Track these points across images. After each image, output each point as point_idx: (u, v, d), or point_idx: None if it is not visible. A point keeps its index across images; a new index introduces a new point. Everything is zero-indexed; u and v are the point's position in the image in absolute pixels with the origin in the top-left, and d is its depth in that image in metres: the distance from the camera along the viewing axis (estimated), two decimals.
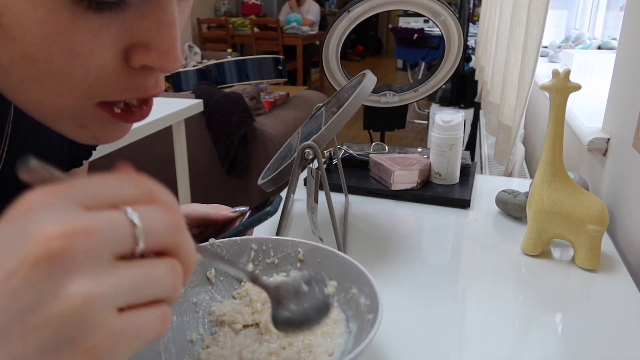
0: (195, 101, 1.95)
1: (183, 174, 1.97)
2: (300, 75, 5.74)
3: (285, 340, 0.48)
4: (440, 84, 1.01)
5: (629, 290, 0.65)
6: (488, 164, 2.03)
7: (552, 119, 0.67)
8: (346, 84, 0.86)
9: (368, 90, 0.63)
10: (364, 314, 0.49)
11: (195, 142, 2.20)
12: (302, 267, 0.57)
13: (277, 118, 2.43)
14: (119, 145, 1.50)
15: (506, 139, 1.56)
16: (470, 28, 4.25)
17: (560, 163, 0.68)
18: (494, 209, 0.88)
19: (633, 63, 0.84)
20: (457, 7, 3.60)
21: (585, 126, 1.00)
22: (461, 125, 0.90)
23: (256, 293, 0.55)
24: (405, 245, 0.77)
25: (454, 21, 0.94)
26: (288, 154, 0.73)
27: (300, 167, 0.62)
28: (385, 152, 1.02)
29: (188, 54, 4.30)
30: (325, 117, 0.70)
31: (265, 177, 0.71)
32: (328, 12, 8.48)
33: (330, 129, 0.60)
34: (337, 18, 0.95)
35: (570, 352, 0.54)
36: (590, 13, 2.39)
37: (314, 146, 0.60)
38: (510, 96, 1.50)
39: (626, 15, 0.91)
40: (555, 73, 0.65)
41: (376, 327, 0.43)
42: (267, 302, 0.53)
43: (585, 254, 0.68)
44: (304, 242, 0.57)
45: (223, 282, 0.57)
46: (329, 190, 0.66)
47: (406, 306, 0.62)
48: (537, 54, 1.16)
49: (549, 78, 0.66)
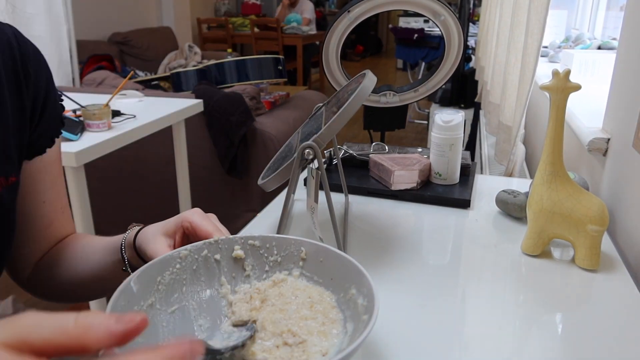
0: (195, 101, 1.95)
1: (183, 174, 1.97)
2: (300, 75, 5.74)
3: (280, 338, 0.48)
4: (440, 84, 1.01)
5: (629, 290, 0.65)
6: (488, 164, 2.03)
7: (552, 119, 0.67)
8: (346, 84, 0.86)
9: (368, 90, 0.63)
10: (361, 314, 0.49)
11: (195, 142, 2.20)
12: (304, 265, 0.57)
13: (277, 118, 2.43)
14: (119, 145, 1.50)
15: (506, 139, 1.56)
16: (470, 28, 4.25)
17: (560, 163, 0.68)
18: (494, 209, 0.88)
19: (633, 63, 0.84)
20: (457, 7, 3.60)
21: (585, 126, 1.00)
22: (461, 125, 0.90)
23: (255, 290, 0.55)
24: (405, 245, 0.77)
25: (454, 21, 0.94)
26: (288, 154, 0.72)
27: (300, 167, 0.62)
28: (385, 152, 1.02)
29: (188, 54, 4.29)
30: (325, 117, 0.70)
31: (266, 177, 0.71)
32: (328, 12, 8.48)
33: (331, 129, 0.60)
34: (337, 18, 0.95)
35: (570, 352, 0.54)
36: (590, 13, 2.39)
37: (314, 146, 0.60)
38: (511, 96, 1.50)
39: (626, 15, 0.91)
40: (555, 73, 0.65)
41: (369, 328, 0.43)
42: (267, 299, 0.54)
43: (585, 254, 0.68)
44: (308, 241, 0.57)
45: (236, 279, 0.57)
46: (329, 190, 0.66)
47: (406, 306, 0.62)
48: (537, 54, 1.16)
49: (549, 78, 0.66)
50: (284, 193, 0.86)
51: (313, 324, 0.50)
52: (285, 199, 0.67)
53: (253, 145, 2.29)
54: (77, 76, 2.75)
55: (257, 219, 0.86)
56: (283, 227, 0.67)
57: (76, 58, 2.75)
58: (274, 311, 0.52)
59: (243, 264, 0.58)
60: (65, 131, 1.39)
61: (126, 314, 0.28)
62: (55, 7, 2.48)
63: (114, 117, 1.60)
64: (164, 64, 4.16)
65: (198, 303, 0.54)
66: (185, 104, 1.89)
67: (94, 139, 1.42)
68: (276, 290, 0.56)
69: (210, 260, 0.57)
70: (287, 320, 0.51)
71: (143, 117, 1.64)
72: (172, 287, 0.53)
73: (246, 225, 0.84)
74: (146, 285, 0.51)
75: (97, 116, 1.47)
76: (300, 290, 0.55)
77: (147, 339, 0.47)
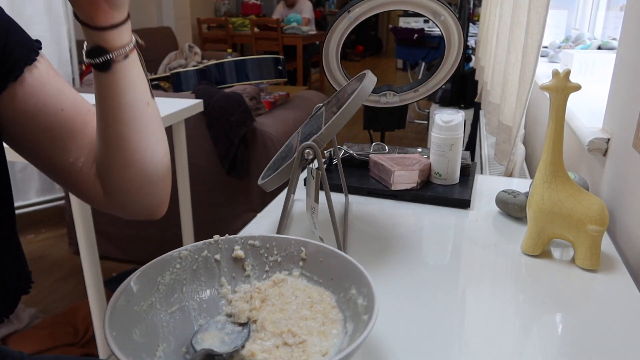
0: (195, 101, 1.95)
1: (183, 174, 1.97)
2: (300, 75, 5.74)
3: (280, 339, 0.48)
4: (440, 84, 1.01)
5: (629, 290, 0.65)
6: (488, 164, 2.03)
7: (552, 119, 0.67)
8: (346, 84, 0.86)
9: (368, 90, 0.63)
10: (361, 314, 0.49)
11: (195, 142, 2.20)
12: (304, 265, 0.57)
13: (277, 118, 2.43)
14: None
15: (506, 139, 1.56)
16: (470, 28, 4.25)
17: (560, 163, 0.68)
18: (494, 209, 0.88)
19: (633, 63, 0.85)
20: (457, 7, 3.60)
21: (585, 126, 1.00)
22: (461, 125, 0.90)
23: (255, 290, 0.55)
24: (405, 245, 0.77)
25: (454, 21, 0.94)
26: (288, 154, 0.72)
27: (300, 167, 0.62)
28: (385, 152, 1.02)
29: (188, 54, 4.29)
30: (325, 117, 0.70)
31: (266, 177, 0.71)
32: (328, 12, 8.48)
33: (330, 129, 0.60)
34: (337, 18, 0.95)
35: (570, 352, 0.54)
36: (590, 13, 2.39)
37: (314, 146, 0.60)
38: (511, 96, 1.50)
39: (626, 15, 0.91)
40: (555, 73, 0.65)
41: (369, 328, 0.43)
42: (267, 299, 0.54)
43: (585, 254, 0.68)
44: (308, 242, 0.58)
45: (236, 279, 0.58)
46: (329, 190, 0.66)
47: (405, 306, 0.62)
48: (537, 54, 1.16)
49: (549, 78, 0.66)
50: (284, 193, 0.86)
51: (313, 324, 0.50)
52: (285, 199, 0.67)
53: (253, 145, 2.29)
54: (77, 76, 2.75)
55: (257, 219, 0.86)
56: (283, 227, 0.67)
57: (76, 58, 2.75)
58: (274, 311, 0.52)
59: (243, 264, 0.58)
60: None
61: None
62: (55, 7, 2.48)
63: None
64: (164, 64, 4.16)
65: (198, 303, 0.55)
66: (185, 104, 1.89)
67: None
68: (276, 290, 0.56)
69: (210, 260, 0.57)
70: (287, 321, 0.51)
71: None
72: (172, 287, 0.54)
73: (246, 226, 0.84)
74: (146, 285, 0.51)
75: None
76: (300, 290, 0.55)
77: (147, 339, 0.47)
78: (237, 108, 2.22)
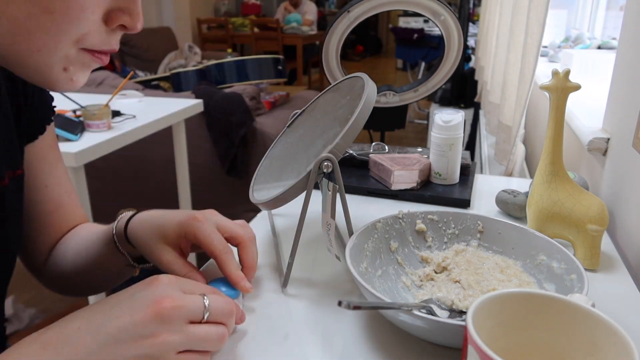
0: (195, 101, 1.95)
1: (183, 174, 1.97)
2: (300, 75, 5.75)
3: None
4: (440, 84, 1.01)
5: (629, 290, 0.65)
6: (488, 164, 2.03)
7: (552, 119, 0.67)
8: (319, 95, 0.84)
9: (373, 94, 0.62)
10: (562, 275, 0.56)
11: (195, 142, 2.20)
12: (481, 237, 0.65)
13: (277, 118, 2.43)
14: (119, 145, 1.50)
15: (506, 138, 1.56)
16: (470, 28, 4.25)
17: (560, 163, 0.68)
18: (494, 209, 0.88)
19: (633, 63, 0.84)
20: (457, 7, 3.60)
21: (585, 126, 1.00)
22: (461, 125, 0.90)
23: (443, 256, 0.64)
24: None
25: (454, 21, 0.94)
26: (288, 166, 0.69)
27: (315, 181, 0.58)
28: (385, 152, 1.02)
29: (188, 54, 4.30)
30: (322, 125, 0.69)
31: (261, 193, 0.66)
32: (328, 12, 8.48)
33: (346, 138, 0.57)
34: (337, 18, 0.95)
35: None
36: (590, 13, 2.39)
37: (332, 158, 0.56)
38: (511, 96, 1.50)
39: (626, 15, 0.91)
40: (555, 73, 0.65)
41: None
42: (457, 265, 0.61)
43: (585, 253, 0.68)
44: (484, 217, 0.65)
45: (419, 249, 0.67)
46: (346, 202, 0.62)
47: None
48: (537, 54, 1.16)
49: (549, 78, 0.66)
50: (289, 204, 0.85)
51: (511, 285, 0.56)
52: (299, 220, 0.61)
53: (253, 145, 2.29)
54: None
55: (257, 219, 0.86)
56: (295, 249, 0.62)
57: None
58: (471, 273, 0.59)
59: (425, 236, 0.66)
60: (65, 131, 1.39)
61: None
62: None
63: (113, 117, 1.60)
64: (164, 64, 4.16)
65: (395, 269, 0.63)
66: (185, 104, 1.89)
67: (94, 139, 1.42)
68: (462, 257, 0.62)
69: (400, 231, 0.66)
70: (488, 281, 0.57)
71: (143, 118, 1.64)
72: (374, 254, 0.62)
73: None
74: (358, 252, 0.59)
75: (97, 116, 1.47)
76: (485, 258, 0.62)
77: None
78: (237, 108, 2.22)
